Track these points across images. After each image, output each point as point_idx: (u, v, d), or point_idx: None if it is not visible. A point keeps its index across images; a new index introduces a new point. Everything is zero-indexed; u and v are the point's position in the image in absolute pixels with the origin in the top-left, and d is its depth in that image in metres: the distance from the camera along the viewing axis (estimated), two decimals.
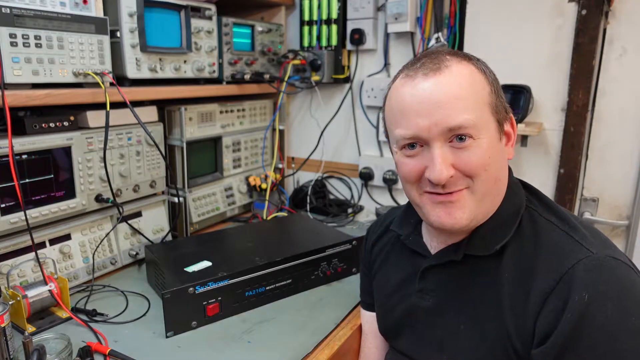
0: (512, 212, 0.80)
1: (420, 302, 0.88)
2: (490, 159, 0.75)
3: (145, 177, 1.44)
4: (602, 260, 0.70)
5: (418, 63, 0.78)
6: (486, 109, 0.76)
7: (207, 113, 1.63)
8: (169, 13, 1.42)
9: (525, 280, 0.74)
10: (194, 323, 1.08)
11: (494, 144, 0.76)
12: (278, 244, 1.38)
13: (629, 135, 1.42)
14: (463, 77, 0.75)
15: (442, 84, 0.74)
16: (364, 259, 1.10)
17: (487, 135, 0.75)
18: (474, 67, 0.77)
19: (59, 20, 1.11)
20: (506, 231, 0.78)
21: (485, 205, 0.79)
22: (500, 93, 0.79)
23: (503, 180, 0.80)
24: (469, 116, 0.73)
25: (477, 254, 0.80)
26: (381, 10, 1.75)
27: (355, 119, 1.90)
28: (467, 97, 0.74)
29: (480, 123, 0.74)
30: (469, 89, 0.74)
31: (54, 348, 0.93)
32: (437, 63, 0.76)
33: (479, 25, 1.58)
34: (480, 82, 0.76)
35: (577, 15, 1.41)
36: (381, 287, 1.00)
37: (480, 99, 0.75)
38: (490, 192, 0.78)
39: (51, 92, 1.10)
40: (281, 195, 1.92)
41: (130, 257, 1.41)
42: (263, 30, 1.77)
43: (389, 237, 1.01)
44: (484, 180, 0.75)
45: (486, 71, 0.78)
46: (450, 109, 0.73)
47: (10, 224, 1.10)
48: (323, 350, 1.02)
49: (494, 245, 0.78)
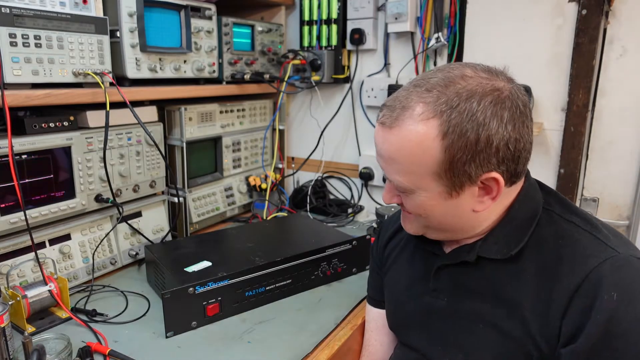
0: (528, 216, 0.79)
1: (434, 302, 0.87)
2: (427, 211, 0.78)
3: (145, 177, 1.44)
4: (628, 260, 0.70)
5: (391, 100, 0.77)
6: (426, 176, 0.73)
7: (207, 113, 1.63)
8: (169, 13, 1.42)
9: (548, 280, 0.74)
10: (194, 323, 1.08)
11: (435, 203, 0.77)
12: (278, 244, 1.38)
13: (629, 135, 1.42)
14: (406, 142, 0.72)
15: (385, 141, 0.76)
16: (375, 256, 1.09)
17: (424, 195, 0.76)
18: (435, 129, 0.70)
19: (59, 20, 1.11)
20: (521, 236, 0.77)
21: (443, 233, 0.83)
22: (474, 157, 0.70)
23: (457, 225, 0.80)
24: (400, 179, 0.76)
25: (490, 256, 0.79)
26: (381, 10, 1.75)
27: (355, 119, 1.89)
28: (403, 162, 0.74)
29: (414, 186, 0.75)
30: (406, 155, 0.73)
31: (53, 348, 0.93)
32: (395, 115, 0.74)
33: (479, 25, 1.58)
34: (429, 150, 0.71)
35: (578, 15, 1.41)
36: (394, 283, 0.99)
37: (420, 167, 0.73)
38: (437, 228, 0.82)
39: (51, 92, 1.10)
40: (281, 195, 1.92)
41: (130, 257, 1.41)
42: (263, 30, 1.77)
43: (402, 234, 1.00)
44: (424, 221, 0.81)
45: (454, 132, 0.69)
46: (387, 165, 0.77)
47: (10, 224, 1.10)
48: (323, 350, 1.02)
49: (509, 250, 0.77)
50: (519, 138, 0.72)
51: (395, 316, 0.99)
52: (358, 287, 1.29)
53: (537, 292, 0.74)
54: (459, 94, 0.70)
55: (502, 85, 0.72)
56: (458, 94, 0.70)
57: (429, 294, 0.88)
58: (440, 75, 0.73)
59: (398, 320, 0.99)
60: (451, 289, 0.85)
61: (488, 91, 0.70)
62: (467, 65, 0.75)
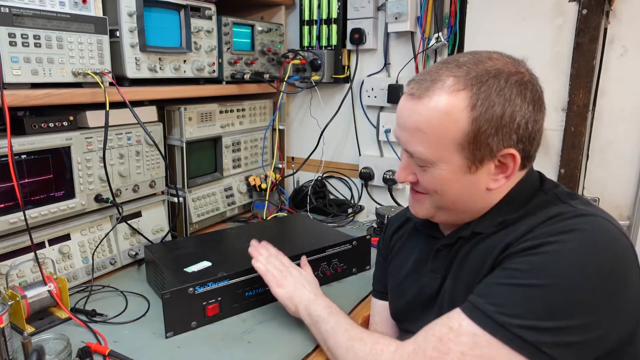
0: (524, 197, 0.81)
1: (431, 282, 0.90)
2: (444, 187, 0.80)
3: (144, 177, 1.44)
4: (580, 212, 0.73)
5: (420, 75, 0.80)
6: (450, 147, 0.76)
7: (206, 113, 1.63)
8: (169, 13, 1.41)
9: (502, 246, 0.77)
10: (194, 323, 1.07)
11: (453, 177, 0.78)
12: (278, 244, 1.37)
13: (629, 135, 1.42)
14: (435, 112, 0.75)
15: (413, 112, 0.78)
16: (381, 248, 1.11)
17: (444, 168, 0.78)
18: (465, 101, 0.74)
19: (58, 20, 1.11)
20: (511, 211, 0.80)
21: (452, 214, 0.85)
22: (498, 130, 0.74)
23: (469, 204, 0.82)
24: (424, 149, 0.77)
25: (482, 231, 0.82)
26: (381, 9, 1.74)
27: (355, 119, 1.89)
28: (429, 133, 0.76)
29: (434, 158, 0.77)
30: (434, 126, 0.76)
31: (53, 348, 0.93)
32: (425, 86, 0.77)
33: (479, 24, 1.57)
34: (456, 121, 0.74)
35: (578, 15, 1.40)
36: (396, 272, 1.02)
37: (446, 138, 0.76)
38: (449, 208, 0.83)
39: (50, 91, 1.10)
40: (281, 195, 1.92)
41: (129, 257, 1.41)
42: (263, 30, 1.76)
43: (408, 226, 1.04)
44: (438, 199, 0.82)
45: (483, 104, 0.73)
46: (410, 137, 0.79)
47: (10, 224, 1.10)
48: (323, 350, 1.01)
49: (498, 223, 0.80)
50: (537, 120, 0.77)
51: (396, 304, 1.01)
52: (358, 287, 1.29)
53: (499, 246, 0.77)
54: (488, 71, 0.75)
55: (524, 70, 0.78)
56: (487, 71, 0.75)
57: (427, 275, 0.91)
58: (469, 55, 0.79)
59: (399, 308, 1.00)
60: (447, 266, 0.88)
61: (513, 72, 0.76)
62: (493, 51, 0.81)
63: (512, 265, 0.72)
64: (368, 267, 1.39)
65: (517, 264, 0.71)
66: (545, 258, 0.69)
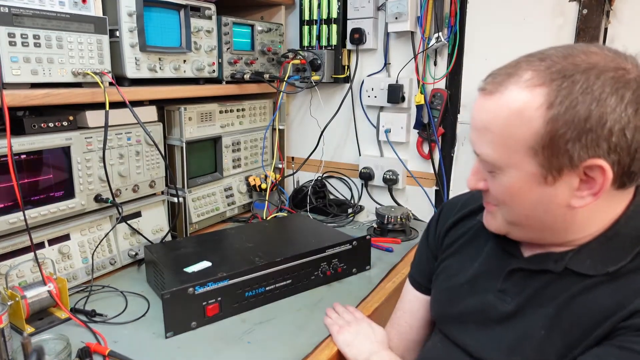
0: (636, 234, 0.69)
1: (498, 303, 0.80)
2: (514, 197, 0.70)
3: (144, 177, 1.44)
4: None
5: (498, 69, 0.71)
6: (521, 151, 0.66)
7: (206, 113, 1.63)
8: (169, 12, 1.41)
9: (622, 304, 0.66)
10: (194, 323, 1.07)
11: (525, 187, 0.68)
12: (278, 244, 1.37)
13: None
14: (505, 109, 0.66)
15: (482, 109, 0.70)
16: (431, 241, 1.01)
17: (515, 175, 0.68)
18: (543, 97, 0.63)
19: (58, 20, 1.10)
20: (622, 254, 0.68)
21: (527, 232, 0.75)
22: (581, 135, 0.62)
23: (548, 221, 0.71)
24: (491, 152, 0.69)
25: (582, 272, 0.70)
26: (381, 9, 1.74)
27: (355, 118, 1.89)
28: (496, 132, 0.67)
29: (503, 163, 0.68)
30: (502, 125, 0.67)
31: (53, 349, 0.93)
32: (499, 80, 0.68)
33: (479, 24, 1.57)
34: (528, 122, 0.64)
35: (578, 15, 1.40)
36: (452, 273, 0.91)
37: (515, 139, 0.66)
38: (523, 224, 0.73)
39: (50, 91, 1.10)
40: (281, 195, 1.92)
41: (129, 257, 1.41)
42: (263, 30, 1.76)
43: (471, 223, 0.92)
44: (508, 212, 0.73)
45: (562, 104, 0.62)
46: (478, 137, 0.71)
47: (9, 224, 1.10)
48: (323, 350, 1.02)
49: (605, 267, 0.68)
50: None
51: (446, 309, 0.91)
52: (358, 287, 1.29)
53: (614, 305, 0.66)
54: (577, 65, 0.63)
55: (630, 67, 0.64)
56: (575, 65, 0.63)
57: (493, 293, 0.81)
58: (561, 48, 0.68)
59: (449, 314, 0.90)
60: (522, 294, 0.77)
61: (612, 67, 0.62)
62: (594, 44, 0.71)
63: (634, 345, 0.62)
64: (368, 267, 1.39)
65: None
66: None
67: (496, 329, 0.79)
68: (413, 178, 1.80)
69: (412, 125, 1.76)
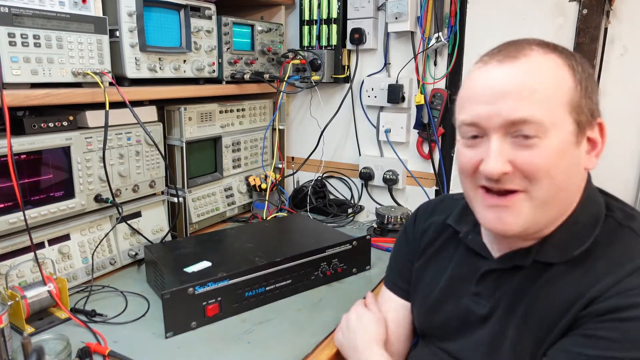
0: (589, 220, 0.73)
1: (474, 307, 0.81)
2: (557, 164, 0.67)
3: (144, 177, 1.44)
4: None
5: (497, 49, 0.73)
6: (562, 107, 0.67)
7: (206, 113, 1.63)
8: (169, 12, 1.41)
9: (586, 283, 0.68)
10: (194, 323, 1.07)
11: (566, 149, 0.67)
12: (278, 244, 1.37)
13: (629, 135, 1.41)
14: (541, 69, 0.68)
15: (514, 73, 0.68)
16: (409, 242, 0.99)
17: (557, 137, 0.67)
18: (561, 60, 0.69)
19: (58, 20, 1.10)
20: (583, 239, 0.72)
21: (548, 213, 0.71)
22: (592, 93, 0.70)
23: (570, 190, 0.72)
24: (537, 112, 0.66)
25: (548, 260, 0.73)
26: (381, 9, 1.74)
27: (355, 118, 1.89)
28: (540, 90, 0.66)
29: (549, 122, 0.66)
30: (544, 82, 0.67)
31: (53, 349, 0.93)
32: (517, 50, 0.70)
33: (479, 24, 1.57)
34: (563, 78, 0.68)
35: (578, 15, 1.40)
36: (429, 281, 0.92)
37: (557, 95, 0.67)
38: (553, 200, 0.70)
39: (50, 91, 1.10)
40: (281, 195, 1.92)
41: (129, 257, 1.41)
42: (263, 30, 1.76)
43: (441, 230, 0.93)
44: (545, 187, 0.68)
45: (576, 67, 0.69)
46: (517, 100, 0.66)
47: (9, 224, 1.10)
48: (323, 350, 1.02)
49: (567, 253, 0.72)
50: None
51: (428, 317, 0.92)
52: (358, 287, 1.29)
53: (575, 295, 0.69)
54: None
55: None
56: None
57: (469, 297, 0.83)
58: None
59: (432, 322, 0.91)
60: (495, 295, 0.79)
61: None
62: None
63: (601, 332, 0.64)
64: (368, 267, 1.39)
65: (606, 331, 0.63)
66: (639, 326, 0.62)
67: (475, 332, 0.81)
68: (413, 178, 1.80)
69: (412, 125, 1.76)
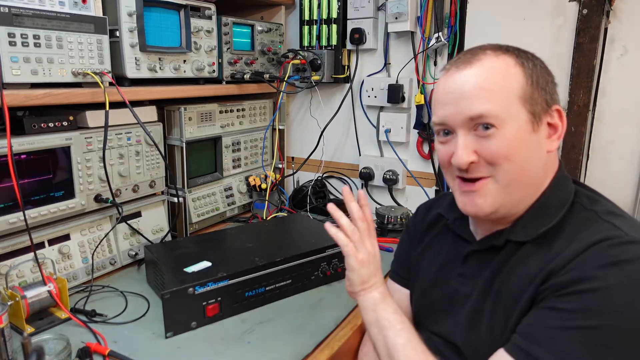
0: (557, 203, 0.80)
1: (459, 287, 0.88)
2: (515, 149, 0.76)
3: (144, 177, 1.44)
4: (628, 239, 0.70)
5: (457, 57, 0.84)
6: (515, 100, 0.77)
7: (206, 113, 1.63)
8: (169, 12, 1.41)
9: (550, 259, 0.74)
10: (194, 323, 1.07)
11: (522, 136, 0.77)
12: (278, 244, 1.37)
13: (629, 135, 1.42)
14: (493, 69, 0.78)
15: (469, 76, 0.78)
16: (410, 233, 1.06)
17: (513, 126, 0.76)
18: (512, 60, 0.79)
19: (58, 20, 1.10)
20: (549, 219, 0.79)
21: (514, 194, 0.79)
22: (545, 85, 0.79)
23: (534, 171, 0.80)
24: (491, 106, 0.76)
25: (517, 239, 0.81)
26: (381, 9, 1.74)
27: (355, 118, 1.89)
28: (493, 88, 0.77)
29: (505, 114, 0.76)
30: (496, 81, 0.77)
31: (53, 349, 0.93)
32: (472, 56, 0.80)
33: (479, 24, 1.57)
34: (514, 75, 0.78)
35: (578, 15, 1.40)
36: (424, 269, 0.99)
37: (509, 91, 0.77)
38: (516, 181, 0.78)
39: (50, 91, 1.10)
40: (281, 195, 1.92)
41: (129, 257, 1.41)
42: (263, 30, 1.76)
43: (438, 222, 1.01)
44: (507, 170, 0.77)
45: (527, 64, 0.79)
46: (473, 99, 0.77)
47: (9, 224, 1.10)
48: (323, 350, 1.02)
49: (535, 230, 0.79)
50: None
51: (421, 302, 0.98)
52: None
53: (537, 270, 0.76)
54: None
55: None
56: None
57: (455, 278, 0.90)
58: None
59: (424, 306, 0.97)
60: (478, 275, 0.86)
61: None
62: None
63: (561, 304, 0.69)
64: None
65: (566, 303, 0.69)
66: (596, 296, 0.67)
67: (459, 311, 0.87)
68: (413, 178, 1.80)
69: (412, 125, 1.76)
